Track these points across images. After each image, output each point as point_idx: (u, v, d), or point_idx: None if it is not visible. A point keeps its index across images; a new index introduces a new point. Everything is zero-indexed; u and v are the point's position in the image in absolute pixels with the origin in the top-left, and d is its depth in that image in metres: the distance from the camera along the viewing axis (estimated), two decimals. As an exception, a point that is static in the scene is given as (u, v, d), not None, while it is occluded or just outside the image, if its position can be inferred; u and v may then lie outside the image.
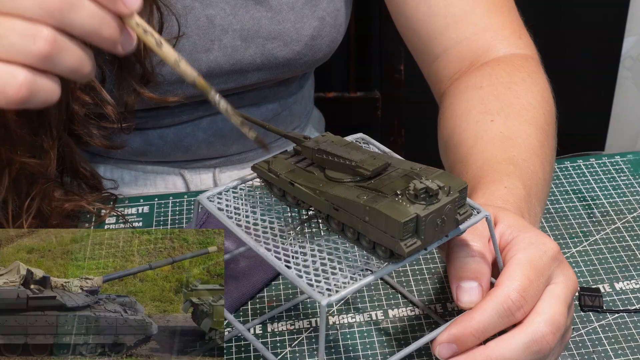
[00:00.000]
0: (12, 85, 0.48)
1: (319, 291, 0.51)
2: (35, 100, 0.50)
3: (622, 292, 0.76)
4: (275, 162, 0.58)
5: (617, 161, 0.94)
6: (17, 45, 0.48)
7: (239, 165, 1.03)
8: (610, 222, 0.85)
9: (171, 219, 0.87)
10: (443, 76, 0.90)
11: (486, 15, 0.87)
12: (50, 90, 0.51)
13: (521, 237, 0.60)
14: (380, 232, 0.51)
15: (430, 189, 0.51)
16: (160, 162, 1.01)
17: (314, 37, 0.91)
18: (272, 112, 1.01)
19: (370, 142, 0.64)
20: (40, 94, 0.50)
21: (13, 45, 0.48)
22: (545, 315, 0.56)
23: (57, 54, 0.49)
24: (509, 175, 0.70)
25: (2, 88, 0.48)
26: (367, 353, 0.70)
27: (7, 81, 0.48)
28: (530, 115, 0.79)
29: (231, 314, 0.63)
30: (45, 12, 0.48)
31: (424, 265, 0.79)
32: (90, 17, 0.49)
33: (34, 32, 0.48)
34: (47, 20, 0.48)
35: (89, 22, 0.49)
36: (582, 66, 1.79)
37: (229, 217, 0.58)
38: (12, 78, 0.48)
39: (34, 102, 0.50)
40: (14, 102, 0.49)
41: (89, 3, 0.49)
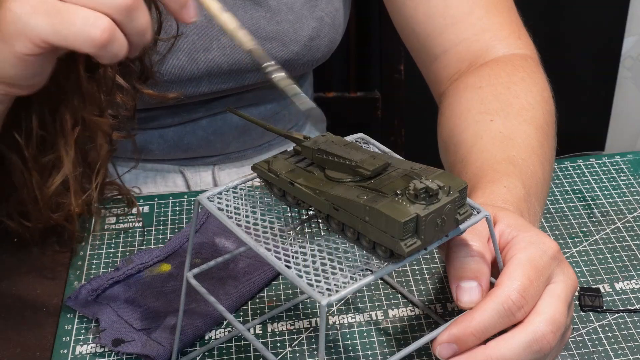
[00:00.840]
0: (97, 27, 0.53)
1: (319, 291, 0.51)
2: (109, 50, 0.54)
3: (622, 292, 0.76)
4: (275, 162, 0.58)
5: (617, 161, 0.94)
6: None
7: (238, 163, 1.03)
8: (610, 222, 0.85)
9: (171, 218, 0.87)
10: (442, 77, 0.90)
11: (485, 16, 0.87)
12: (122, 45, 0.55)
13: (521, 237, 0.60)
14: (380, 232, 0.51)
15: (430, 189, 0.51)
16: (160, 160, 1.01)
17: (313, 38, 0.91)
18: (271, 112, 1.01)
19: (370, 142, 0.64)
20: (115, 45, 0.54)
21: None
22: (546, 314, 0.56)
23: (135, 9, 0.54)
24: (508, 174, 0.70)
25: (88, 29, 0.52)
26: (367, 353, 0.70)
27: (94, 23, 0.53)
28: (529, 115, 0.79)
29: (231, 314, 0.63)
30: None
31: (424, 265, 0.79)
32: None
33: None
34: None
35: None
36: (582, 66, 1.79)
37: (229, 217, 0.58)
38: (99, 21, 0.53)
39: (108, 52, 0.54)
40: (95, 44, 0.53)
41: None
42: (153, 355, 0.69)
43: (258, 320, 0.74)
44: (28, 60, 0.55)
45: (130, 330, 0.72)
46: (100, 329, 0.72)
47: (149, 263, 0.78)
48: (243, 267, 0.78)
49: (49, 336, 0.73)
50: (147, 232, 0.85)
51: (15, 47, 0.54)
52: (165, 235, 0.84)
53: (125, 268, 0.77)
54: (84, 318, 0.75)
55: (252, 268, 0.78)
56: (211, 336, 0.73)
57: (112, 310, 0.73)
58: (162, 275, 0.77)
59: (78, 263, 0.81)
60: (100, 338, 0.71)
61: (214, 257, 0.67)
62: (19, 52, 0.54)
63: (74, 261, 0.81)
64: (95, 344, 0.72)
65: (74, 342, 0.72)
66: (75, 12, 0.53)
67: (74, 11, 0.53)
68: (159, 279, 0.77)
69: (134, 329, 0.72)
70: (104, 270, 0.80)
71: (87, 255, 0.82)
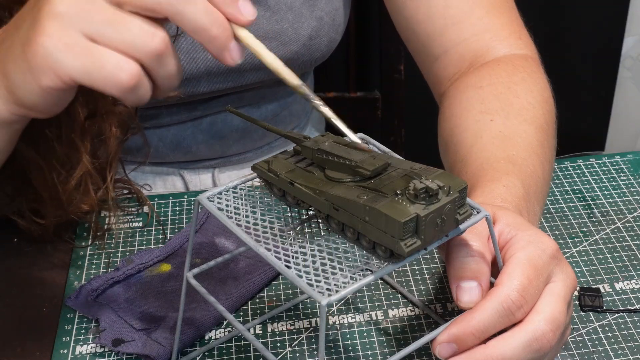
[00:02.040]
0: (126, 72, 0.53)
1: (319, 291, 0.51)
2: (135, 94, 0.54)
3: (622, 292, 0.76)
4: (275, 162, 0.58)
5: (617, 161, 0.94)
6: (137, 40, 0.52)
7: (238, 166, 1.03)
8: (610, 222, 0.85)
9: (171, 219, 0.87)
10: (443, 77, 0.90)
11: (486, 16, 0.87)
12: (147, 90, 0.55)
13: (520, 236, 0.60)
14: (380, 232, 0.51)
15: (430, 189, 0.51)
16: (159, 163, 1.01)
17: (312, 37, 0.91)
18: (271, 113, 1.01)
19: (370, 142, 0.64)
20: (141, 90, 0.54)
21: (133, 39, 0.52)
22: (545, 313, 0.56)
23: (166, 55, 0.54)
24: (508, 174, 0.70)
25: (117, 73, 0.52)
26: (367, 353, 0.70)
27: (122, 67, 0.53)
28: (529, 115, 0.79)
29: (231, 314, 0.63)
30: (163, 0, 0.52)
31: (424, 265, 0.79)
32: (203, 13, 0.53)
33: (153, 30, 0.53)
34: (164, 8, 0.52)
35: (201, 17, 0.53)
36: (582, 66, 1.79)
37: (229, 217, 0.58)
38: (127, 66, 0.53)
39: (133, 97, 0.54)
40: (122, 88, 0.53)
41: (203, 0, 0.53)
42: (153, 355, 0.69)
43: (258, 320, 0.74)
44: (52, 92, 0.55)
45: (130, 330, 0.72)
46: (100, 329, 0.72)
47: (149, 263, 0.78)
48: (243, 267, 0.78)
49: (49, 336, 0.73)
50: (147, 232, 0.85)
51: (42, 80, 0.54)
52: (165, 235, 0.84)
53: (125, 268, 0.77)
54: (84, 318, 0.75)
55: (252, 268, 0.78)
56: (211, 336, 0.73)
57: (112, 310, 0.73)
58: (162, 275, 0.77)
59: (78, 263, 0.81)
60: (100, 338, 0.71)
61: (214, 257, 0.67)
62: (45, 85, 0.54)
63: (74, 261, 0.81)
64: (95, 344, 0.72)
65: (74, 342, 0.72)
66: (105, 55, 0.52)
67: (104, 54, 0.52)
68: (159, 279, 0.77)
69: (134, 329, 0.72)
70: (104, 270, 0.80)
71: (87, 255, 0.82)
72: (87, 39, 0.53)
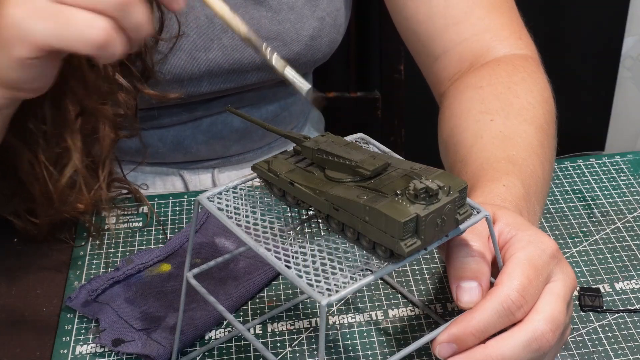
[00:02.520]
0: (95, 28, 0.53)
1: (319, 291, 0.51)
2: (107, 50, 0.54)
3: (622, 292, 0.76)
4: (275, 162, 0.58)
5: (617, 161, 0.94)
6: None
7: (238, 166, 1.03)
8: (610, 222, 0.85)
9: (171, 219, 0.87)
10: (443, 77, 0.90)
11: (486, 16, 0.87)
12: (120, 44, 0.55)
13: (520, 236, 0.60)
14: (380, 232, 0.51)
15: (430, 189, 0.51)
16: (159, 163, 1.01)
17: (314, 38, 0.91)
18: (271, 114, 1.01)
19: (370, 142, 0.64)
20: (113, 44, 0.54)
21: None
22: (545, 313, 0.56)
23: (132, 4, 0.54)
24: (508, 174, 0.70)
25: (86, 31, 0.53)
26: (367, 353, 0.70)
27: (91, 24, 0.53)
28: (529, 115, 0.79)
29: (231, 314, 0.63)
30: None
31: (424, 265, 0.79)
32: None
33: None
34: None
35: None
36: (582, 66, 1.79)
37: (229, 217, 0.58)
38: (96, 22, 0.53)
39: (105, 51, 0.55)
40: (94, 45, 0.54)
41: None
42: (153, 355, 0.69)
43: (258, 320, 0.74)
44: (29, 64, 0.55)
45: (130, 330, 0.72)
46: (100, 329, 0.72)
47: (149, 263, 0.78)
48: (243, 267, 0.78)
49: (49, 336, 0.73)
50: (147, 232, 0.85)
51: (14, 51, 0.54)
52: (165, 235, 0.84)
53: (125, 268, 0.77)
54: (84, 318, 0.75)
55: (252, 268, 0.78)
56: (211, 336, 0.73)
57: (112, 310, 0.73)
58: (162, 275, 0.77)
59: (78, 263, 0.81)
60: (100, 338, 0.71)
61: (214, 257, 0.67)
62: (19, 56, 0.54)
63: (74, 261, 0.81)
64: (95, 344, 0.72)
65: (74, 342, 0.72)
66: (73, 14, 0.53)
67: (71, 14, 0.53)
68: (159, 279, 0.77)
69: (134, 329, 0.72)
70: (104, 270, 0.80)
71: (87, 255, 0.82)
72: (54, 1, 0.53)
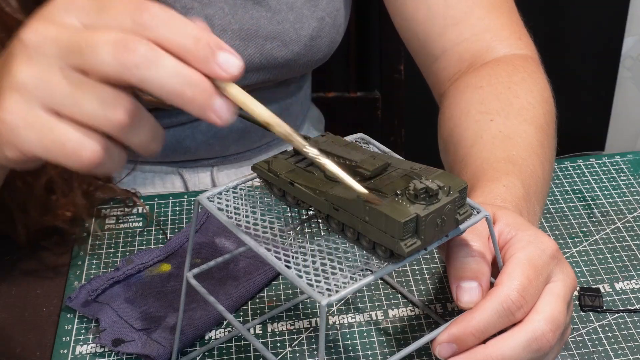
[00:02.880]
0: (87, 149, 0.48)
1: (319, 291, 0.51)
2: (103, 168, 0.50)
3: (622, 292, 0.76)
4: (275, 162, 0.58)
5: (617, 161, 0.94)
6: (98, 112, 0.48)
7: (237, 164, 1.03)
8: (610, 222, 0.85)
9: (171, 219, 0.87)
10: (443, 77, 0.90)
11: (486, 16, 0.87)
12: (119, 161, 0.51)
13: (520, 236, 0.60)
14: (380, 232, 0.51)
15: (430, 189, 0.51)
16: (158, 162, 1.01)
17: (314, 38, 0.91)
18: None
19: (370, 142, 0.64)
20: (110, 162, 0.50)
21: (95, 112, 0.48)
22: (545, 313, 0.56)
23: (133, 125, 0.49)
24: (508, 174, 0.70)
25: (78, 153, 0.48)
26: (367, 353, 0.70)
27: (83, 145, 0.48)
28: (529, 115, 0.79)
29: (231, 314, 0.63)
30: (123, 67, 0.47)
31: (424, 265, 0.79)
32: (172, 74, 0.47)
33: (115, 100, 0.48)
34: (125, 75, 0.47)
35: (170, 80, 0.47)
36: (582, 66, 1.78)
37: (229, 217, 0.58)
38: (89, 144, 0.48)
39: (101, 169, 0.50)
40: (85, 166, 0.49)
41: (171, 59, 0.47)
42: (153, 355, 0.69)
43: (258, 320, 0.74)
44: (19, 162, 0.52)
45: (130, 330, 0.72)
46: (100, 329, 0.72)
47: (149, 263, 0.78)
48: (243, 267, 0.78)
49: (49, 336, 0.73)
50: (147, 232, 0.85)
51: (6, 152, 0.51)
52: (165, 235, 0.84)
53: (125, 268, 0.77)
54: (84, 318, 0.75)
55: (252, 268, 0.78)
56: (211, 336, 0.73)
57: (112, 310, 0.73)
58: (162, 275, 0.77)
59: (78, 263, 0.81)
60: (100, 338, 0.71)
61: (214, 257, 0.67)
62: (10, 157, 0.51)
63: (74, 261, 0.81)
64: (95, 344, 0.72)
65: (74, 342, 0.72)
66: (66, 133, 0.48)
67: (65, 132, 0.48)
68: (159, 279, 0.77)
69: (134, 329, 0.72)
70: (104, 270, 0.80)
71: (87, 255, 0.82)
72: (49, 113, 0.49)
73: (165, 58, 0.47)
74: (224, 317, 0.68)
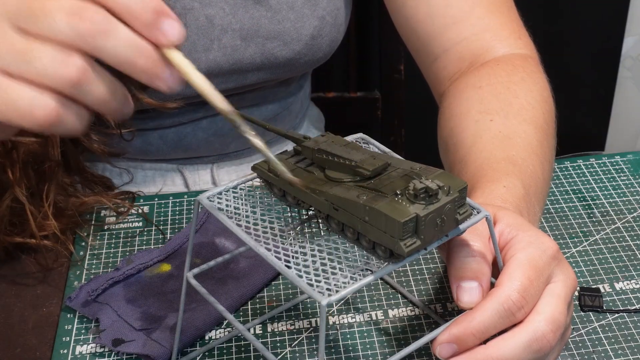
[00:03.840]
0: (41, 108, 0.48)
1: (319, 291, 0.51)
2: (61, 127, 0.50)
3: (622, 292, 0.76)
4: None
5: (617, 161, 0.94)
6: (48, 69, 0.48)
7: (237, 161, 1.04)
8: (610, 222, 0.85)
9: (171, 218, 0.87)
10: (443, 77, 0.90)
11: (486, 16, 0.87)
12: (76, 121, 0.50)
13: (520, 237, 0.60)
14: (380, 231, 0.51)
15: (430, 189, 0.51)
16: (158, 160, 1.01)
17: (314, 37, 0.91)
18: (272, 113, 1.01)
19: (370, 142, 0.64)
20: (67, 123, 0.50)
21: (45, 69, 0.48)
22: (546, 314, 0.56)
23: (86, 82, 0.48)
24: (508, 174, 0.70)
25: (31, 111, 0.48)
26: (367, 353, 0.70)
27: (36, 104, 0.48)
28: (529, 115, 0.79)
29: (231, 314, 0.63)
30: (78, 36, 0.47)
31: (424, 265, 0.79)
32: (124, 45, 0.48)
33: (66, 57, 0.47)
34: (79, 44, 0.47)
35: (123, 51, 0.48)
36: (582, 66, 1.79)
37: (229, 217, 0.58)
38: (42, 101, 0.48)
39: (60, 129, 0.50)
40: (41, 125, 0.49)
41: (125, 29, 0.48)
42: (153, 355, 0.69)
43: (258, 320, 0.74)
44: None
45: (130, 330, 0.72)
46: (100, 329, 0.72)
47: (149, 263, 0.78)
48: (243, 267, 0.78)
49: (49, 336, 0.73)
50: (147, 232, 0.85)
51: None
52: (164, 235, 0.84)
53: (125, 268, 0.77)
54: (84, 318, 0.75)
55: (252, 268, 0.78)
56: (211, 336, 0.73)
57: (112, 310, 0.73)
58: (162, 275, 0.77)
59: (78, 263, 0.81)
60: (100, 338, 0.71)
61: (214, 257, 0.67)
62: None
63: (74, 261, 0.81)
64: (95, 344, 0.72)
65: (74, 342, 0.72)
66: (18, 91, 0.48)
67: (17, 90, 0.48)
68: (159, 279, 0.77)
69: (134, 329, 0.72)
70: (104, 270, 0.80)
71: (87, 255, 0.82)
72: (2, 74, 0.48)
73: (120, 28, 0.48)
74: (224, 317, 0.68)
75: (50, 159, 0.77)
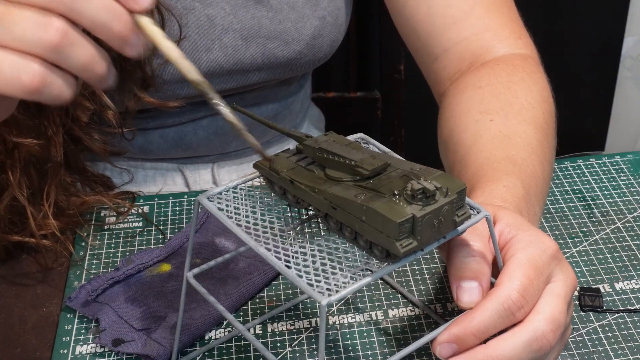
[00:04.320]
0: (26, 73, 0.48)
1: (319, 291, 0.51)
2: (48, 94, 0.50)
3: (622, 292, 0.76)
4: (277, 160, 0.58)
5: (617, 161, 0.94)
6: (28, 34, 0.48)
7: (237, 161, 1.04)
8: (610, 222, 0.85)
9: (171, 218, 0.87)
10: (443, 76, 0.90)
11: (486, 16, 0.88)
12: (63, 86, 0.50)
13: (520, 236, 0.60)
14: (377, 231, 0.51)
15: (427, 190, 0.51)
16: (159, 159, 1.01)
17: (315, 37, 0.91)
18: (272, 112, 1.01)
19: (370, 142, 0.64)
20: (54, 87, 0.50)
21: (25, 34, 0.48)
22: (546, 313, 0.56)
23: (68, 45, 0.49)
24: (508, 174, 0.70)
25: (17, 76, 0.48)
26: (367, 353, 0.70)
27: (22, 69, 0.48)
28: (529, 115, 0.79)
29: (231, 314, 0.63)
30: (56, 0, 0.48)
31: (424, 265, 0.79)
32: (102, 9, 0.49)
33: (46, 21, 0.48)
34: (57, 7, 0.48)
35: (100, 14, 0.49)
36: (582, 66, 1.78)
37: (229, 217, 0.58)
38: (26, 67, 0.48)
39: (46, 95, 0.50)
40: (27, 91, 0.49)
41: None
42: (153, 355, 0.69)
43: (258, 320, 0.74)
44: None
45: (130, 330, 0.72)
46: (100, 329, 0.72)
47: (149, 263, 0.78)
48: (243, 267, 0.78)
49: (49, 336, 0.73)
50: (147, 232, 0.85)
51: None
52: (165, 235, 0.84)
53: (125, 268, 0.77)
54: (84, 318, 0.75)
55: (252, 268, 0.78)
56: (211, 336, 0.73)
57: (112, 310, 0.73)
58: (162, 275, 0.77)
59: (78, 263, 0.81)
60: (100, 338, 0.71)
61: (214, 257, 0.67)
62: None
63: (74, 261, 0.81)
64: (95, 344, 0.72)
65: (74, 342, 0.72)
66: (2, 58, 0.48)
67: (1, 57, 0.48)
68: (159, 279, 0.77)
69: (134, 329, 0.72)
70: (104, 270, 0.80)
71: (87, 255, 0.82)
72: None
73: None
74: (224, 317, 0.68)
75: (53, 159, 0.77)
